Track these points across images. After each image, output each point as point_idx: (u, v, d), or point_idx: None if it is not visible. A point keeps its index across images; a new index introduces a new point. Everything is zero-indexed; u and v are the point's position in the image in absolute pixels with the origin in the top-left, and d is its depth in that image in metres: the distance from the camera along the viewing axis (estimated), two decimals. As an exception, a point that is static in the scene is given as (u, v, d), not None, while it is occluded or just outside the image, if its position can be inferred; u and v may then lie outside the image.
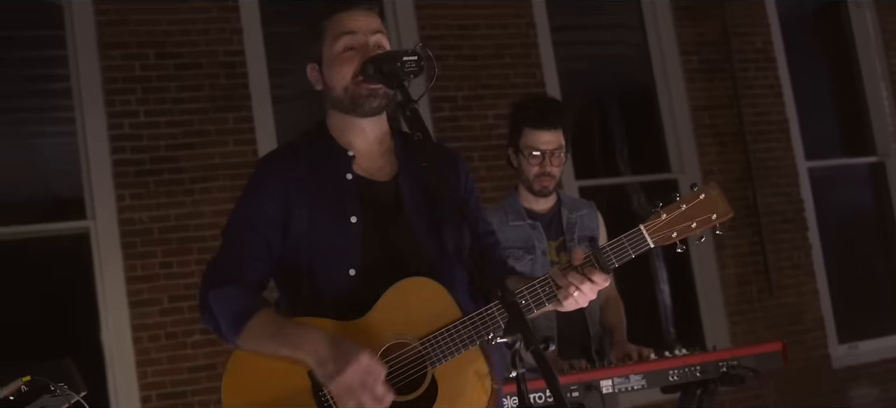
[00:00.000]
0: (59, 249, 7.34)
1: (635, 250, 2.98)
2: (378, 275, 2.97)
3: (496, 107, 8.18)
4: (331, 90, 3.09)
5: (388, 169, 3.16)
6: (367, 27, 3.07)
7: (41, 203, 7.46)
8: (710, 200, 2.99)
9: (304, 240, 3.03)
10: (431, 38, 8.10)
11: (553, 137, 4.76)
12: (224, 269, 3.03)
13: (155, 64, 7.33)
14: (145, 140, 7.20)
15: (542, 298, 2.96)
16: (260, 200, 3.07)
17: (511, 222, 4.78)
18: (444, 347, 2.92)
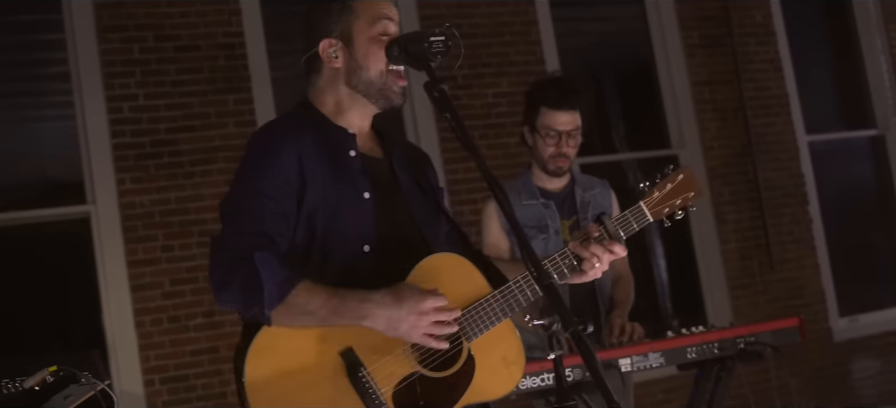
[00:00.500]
0: (60, 234, 7.27)
1: (639, 225, 3.16)
2: (389, 251, 2.97)
3: (496, 85, 8.11)
4: (362, 70, 3.03)
5: (377, 149, 3.17)
6: (397, 17, 3.09)
7: (40, 188, 7.39)
8: (687, 180, 3.22)
9: (320, 214, 2.95)
10: (430, 16, 8.02)
11: (570, 117, 4.75)
12: (248, 242, 2.84)
13: (154, 46, 7.24)
14: (145, 123, 7.13)
15: (565, 270, 3.04)
16: (277, 169, 2.92)
17: (524, 201, 4.75)
18: (478, 321, 2.94)
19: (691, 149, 8.83)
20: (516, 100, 8.08)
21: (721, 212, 8.82)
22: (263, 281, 2.76)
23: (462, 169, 7.79)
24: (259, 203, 2.89)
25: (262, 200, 2.89)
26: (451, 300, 2.91)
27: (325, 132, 3.05)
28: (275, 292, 2.78)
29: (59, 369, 2.65)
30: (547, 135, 4.72)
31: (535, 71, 8.24)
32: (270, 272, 2.77)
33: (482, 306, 2.95)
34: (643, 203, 3.16)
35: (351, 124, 3.09)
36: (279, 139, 2.97)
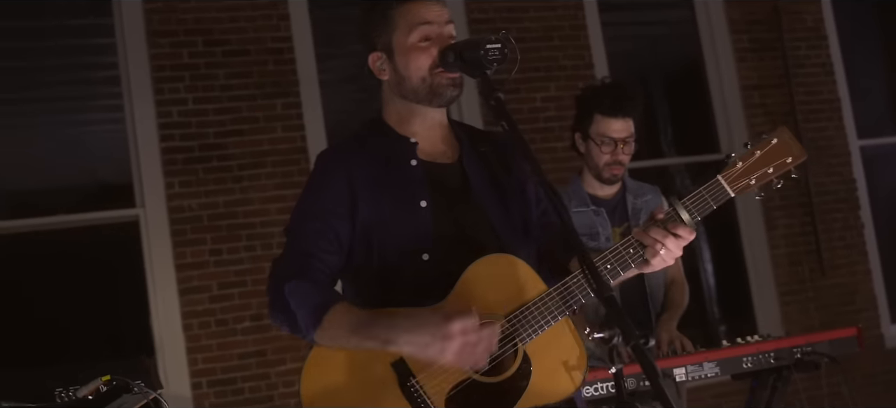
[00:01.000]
0: (109, 237, 7.28)
1: (716, 202, 2.87)
2: (452, 257, 2.89)
3: (545, 89, 8.03)
4: (405, 80, 2.99)
5: (450, 153, 3.09)
6: (440, 17, 3.00)
7: (90, 191, 7.40)
8: (782, 145, 2.92)
9: (375, 230, 2.94)
10: (480, 20, 7.96)
11: (625, 125, 4.67)
12: (295, 264, 2.90)
13: (203, 51, 7.23)
14: (194, 127, 7.12)
15: (628, 260, 2.89)
16: (325, 193, 2.97)
17: (574, 208, 4.68)
18: (531, 321, 2.85)
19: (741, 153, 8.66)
20: (565, 104, 8.02)
21: (771, 217, 8.68)
22: (295, 311, 2.81)
23: (510, 173, 7.71)
24: (306, 224, 2.95)
25: (309, 221, 2.95)
26: (502, 302, 2.85)
27: (388, 144, 3.04)
28: (309, 322, 2.80)
29: (112, 379, 2.59)
30: (602, 142, 4.64)
31: (584, 75, 8.15)
32: (301, 301, 2.81)
33: (536, 306, 2.85)
34: (722, 176, 2.88)
35: (414, 132, 3.06)
36: (331, 162, 3.01)
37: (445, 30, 2.99)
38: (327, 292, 2.86)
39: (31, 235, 7.12)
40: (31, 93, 7.29)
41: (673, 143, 9.15)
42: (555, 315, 2.86)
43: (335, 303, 2.81)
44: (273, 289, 2.89)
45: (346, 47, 7.91)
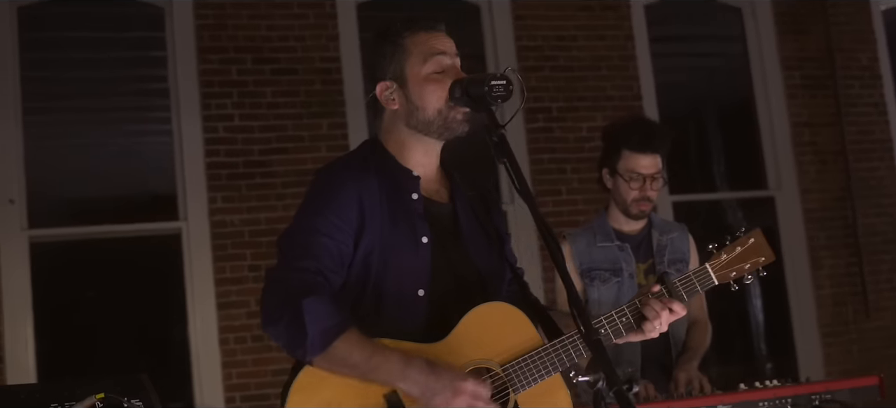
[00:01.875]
0: (153, 248, 7.33)
1: (702, 287, 3.12)
2: (445, 297, 2.91)
3: (591, 119, 7.96)
4: (419, 110, 2.95)
5: (443, 192, 3.09)
6: (452, 49, 2.99)
7: (137, 202, 7.45)
8: (758, 245, 3.19)
9: (376, 256, 2.89)
10: (528, 48, 7.93)
11: (653, 161, 4.57)
12: (302, 279, 2.78)
13: (252, 69, 7.27)
14: (239, 144, 7.15)
15: (622, 328, 2.99)
16: (337, 208, 2.88)
17: (599, 243, 4.60)
18: (527, 373, 2.86)
19: (788, 191, 8.55)
20: (610, 135, 7.96)
21: (816, 257, 8.53)
22: (307, 327, 2.69)
23: (551, 203, 7.65)
24: (316, 240, 2.83)
25: (319, 237, 2.84)
26: (499, 351, 2.86)
27: (390, 172, 2.99)
28: (318, 341, 2.70)
29: (106, 396, 2.58)
30: (631, 178, 4.55)
31: (632, 106, 8.08)
32: (316, 318, 2.70)
33: (532, 359, 2.86)
34: (709, 265, 3.14)
35: (416, 164, 3.02)
36: (342, 178, 2.92)
37: (456, 62, 2.99)
38: (340, 315, 2.76)
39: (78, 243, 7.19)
40: (87, 102, 7.36)
41: (725, 177, 9.02)
42: (548, 370, 2.86)
43: (347, 329, 2.73)
44: (274, 301, 2.79)
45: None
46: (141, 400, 2.76)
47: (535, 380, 2.85)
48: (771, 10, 8.79)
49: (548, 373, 2.86)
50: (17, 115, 6.89)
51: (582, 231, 4.67)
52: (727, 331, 8.89)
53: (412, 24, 3.00)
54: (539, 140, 7.80)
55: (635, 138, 4.55)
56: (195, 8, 7.22)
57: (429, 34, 2.98)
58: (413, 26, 2.99)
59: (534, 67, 7.92)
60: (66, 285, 7.15)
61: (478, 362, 2.83)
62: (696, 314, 4.70)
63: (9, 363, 6.58)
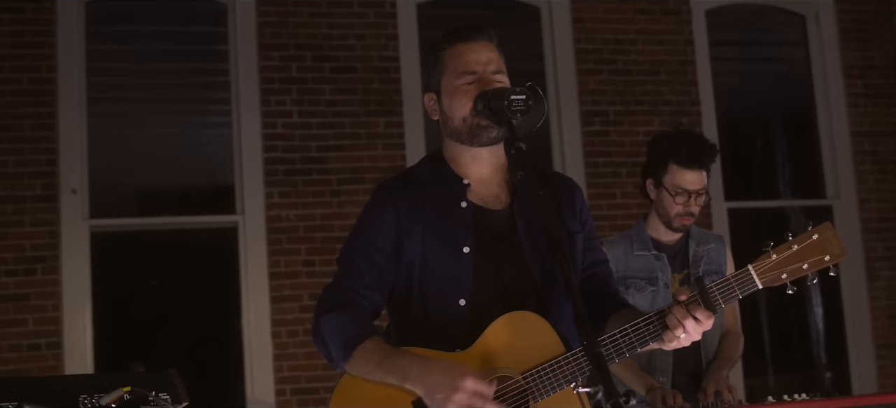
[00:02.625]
0: (210, 240, 7.40)
1: (742, 291, 2.87)
2: (488, 306, 2.93)
3: (648, 124, 7.88)
4: (449, 121, 3.05)
5: (503, 197, 3.10)
6: (486, 59, 3.03)
7: (195, 195, 7.51)
8: (823, 241, 2.89)
9: (417, 269, 3.01)
10: (587, 51, 7.87)
11: (700, 177, 4.53)
12: (336, 295, 3.00)
13: (311, 66, 7.30)
14: (297, 140, 7.18)
15: (647, 337, 2.88)
16: (374, 229, 3.04)
17: (636, 252, 4.58)
18: (546, 382, 2.87)
19: (846, 200, 8.41)
20: (667, 140, 7.88)
21: (873, 268, 8.38)
22: (328, 342, 2.90)
23: (605, 206, 7.60)
24: (355, 260, 3.02)
25: (358, 257, 3.02)
26: (522, 359, 2.87)
27: (442, 182, 3.09)
28: (339, 353, 2.88)
29: (133, 389, 2.63)
30: (676, 193, 4.49)
31: (690, 112, 8.01)
32: (333, 333, 2.89)
33: (552, 368, 2.86)
34: (753, 267, 2.86)
35: (466, 172, 3.09)
36: (382, 199, 3.07)
37: (490, 71, 3.02)
38: (362, 326, 2.91)
39: (137, 233, 7.28)
40: (150, 94, 7.43)
41: (783, 184, 8.89)
42: (568, 380, 2.86)
43: (368, 338, 2.87)
44: (315, 318, 2.99)
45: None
46: (169, 394, 2.80)
47: (554, 389, 2.85)
48: (835, 18, 8.64)
49: (567, 382, 2.85)
50: (81, 106, 6.99)
51: (620, 239, 4.66)
52: (787, 339, 8.78)
53: (451, 36, 3.07)
54: (595, 143, 7.75)
55: (684, 153, 4.50)
56: (257, 5, 7.27)
57: (466, 45, 3.04)
58: (452, 38, 3.06)
59: (592, 71, 7.87)
60: (125, 274, 7.24)
61: (498, 370, 2.86)
62: (730, 324, 4.68)
63: (67, 349, 6.68)
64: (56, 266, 6.74)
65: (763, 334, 8.65)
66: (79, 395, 2.73)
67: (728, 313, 4.63)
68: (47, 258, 6.73)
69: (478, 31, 3.08)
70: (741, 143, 8.73)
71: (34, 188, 6.78)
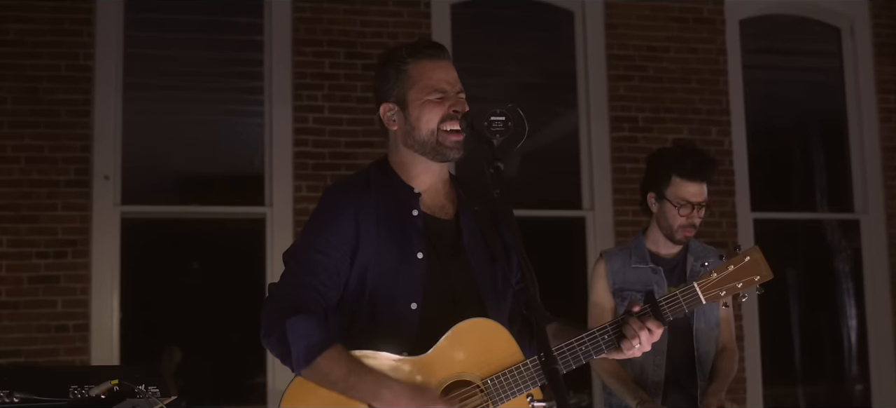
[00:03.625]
0: (239, 231, 7.44)
1: (688, 306, 3.10)
2: (437, 310, 2.99)
3: (677, 131, 7.83)
4: (415, 131, 3.07)
5: (449, 208, 3.18)
6: (453, 79, 3.09)
7: (225, 185, 7.55)
8: (753, 263, 3.16)
9: (371, 271, 3.01)
10: (618, 57, 7.83)
11: (701, 189, 4.54)
12: (296, 295, 2.95)
13: (344, 63, 7.31)
14: (327, 135, 7.19)
15: (603, 345, 3.02)
16: (332, 228, 3.02)
17: (633, 264, 4.60)
18: (506, 387, 2.93)
19: (874, 215, 8.31)
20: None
21: (899, 280, 8.27)
22: (291, 345, 2.85)
23: (631, 212, 7.54)
24: (313, 258, 2.99)
25: (315, 255, 2.99)
26: (481, 364, 2.93)
27: (393, 191, 3.11)
28: (302, 356, 2.84)
29: (120, 382, 2.65)
30: (680, 205, 4.50)
31: (719, 121, 7.95)
32: (299, 336, 2.84)
33: (512, 373, 2.93)
34: (697, 284, 3.11)
35: (418, 183, 3.13)
36: (341, 199, 3.06)
37: (456, 94, 3.07)
38: (324, 333, 2.88)
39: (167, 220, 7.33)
40: (185, 83, 7.47)
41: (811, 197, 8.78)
42: (526, 385, 2.93)
43: (329, 346, 2.84)
44: (271, 315, 2.92)
45: (485, 73, 7.88)
46: (157, 387, 2.83)
47: (514, 393, 2.92)
48: (870, 32, 8.53)
49: (526, 387, 2.93)
50: (117, 94, 7.04)
51: (618, 251, 4.69)
52: (818, 351, 8.70)
53: (416, 52, 3.11)
54: (623, 149, 7.70)
55: (688, 166, 4.52)
56: (293, 0, 7.28)
57: (433, 62, 3.09)
58: (417, 53, 3.10)
59: (622, 77, 7.81)
60: (153, 260, 7.29)
61: (459, 374, 2.92)
62: (726, 340, 4.69)
63: (94, 332, 6.74)
64: (86, 250, 6.81)
65: (793, 344, 8.59)
66: (70, 385, 2.75)
67: (724, 331, 4.63)
68: (78, 242, 6.80)
69: (442, 49, 3.15)
70: (770, 154, 8.64)
71: (68, 173, 6.85)
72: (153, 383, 2.86)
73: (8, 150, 6.80)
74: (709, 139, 7.87)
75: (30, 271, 6.71)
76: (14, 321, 6.66)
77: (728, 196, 7.84)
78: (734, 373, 4.61)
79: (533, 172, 8.25)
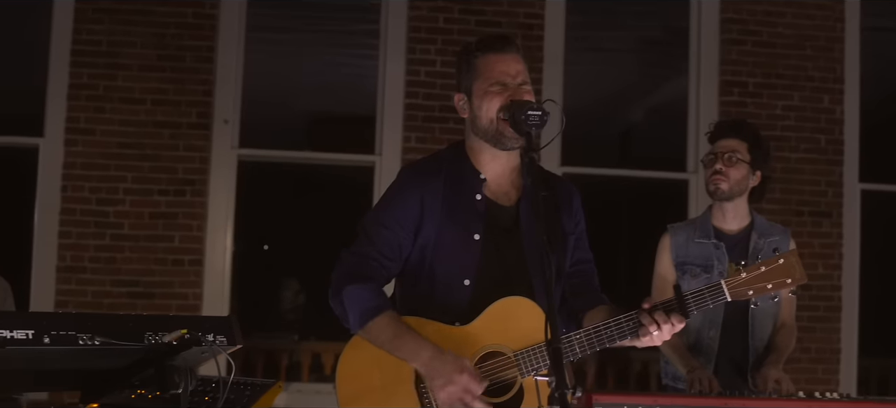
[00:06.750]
0: (348, 178, 7.50)
1: (714, 301, 3.17)
2: (488, 288, 3.18)
3: (787, 97, 7.59)
4: (478, 120, 3.23)
5: (512, 194, 3.32)
6: (515, 71, 3.23)
7: (337, 132, 7.62)
8: (788, 266, 3.19)
9: (431, 248, 3.22)
10: (732, 20, 7.60)
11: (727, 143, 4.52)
12: (359, 264, 3.20)
13: (458, 18, 7.27)
14: (438, 88, 7.17)
15: (626, 332, 3.13)
16: (399, 206, 3.24)
17: (696, 239, 4.54)
18: (533, 362, 3.12)
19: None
20: (805, 115, 7.59)
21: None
22: (348, 309, 3.13)
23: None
24: (378, 231, 3.22)
25: (381, 229, 3.22)
26: (514, 338, 3.13)
27: (462, 174, 3.28)
28: (357, 320, 3.12)
29: (189, 332, 2.76)
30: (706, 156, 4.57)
31: (832, 90, 7.67)
32: (355, 302, 3.12)
33: (540, 351, 3.11)
34: (725, 282, 3.16)
35: (486, 169, 3.28)
36: (411, 180, 3.28)
37: (517, 85, 3.21)
38: (378, 299, 3.15)
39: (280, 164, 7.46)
40: (304, 31, 7.53)
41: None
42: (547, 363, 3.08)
43: (381, 312, 3.12)
44: (336, 280, 3.19)
45: (596, 36, 7.80)
46: (224, 337, 2.93)
47: (540, 368, 3.09)
48: None
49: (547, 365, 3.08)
50: (239, 41, 7.15)
51: (684, 225, 4.67)
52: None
53: (484, 46, 3.27)
54: (731, 113, 7.48)
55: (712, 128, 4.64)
56: (412, -46, 7.28)
57: (498, 55, 3.23)
58: (484, 47, 3.26)
59: (735, 41, 7.60)
60: (266, 202, 7.42)
61: (494, 346, 3.13)
62: (785, 317, 4.59)
63: (207, 267, 6.91)
64: (204, 190, 6.95)
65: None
66: (145, 332, 2.85)
67: (784, 307, 4.53)
68: (197, 182, 6.95)
69: (509, 42, 3.28)
70: (884, 124, 8.34)
71: (190, 116, 6.99)
72: (221, 333, 2.94)
73: (136, 92, 6.98)
74: (820, 107, 7.63)
75: (151, 207, 6.90)
76: (134, 254, 6.86)
77: (835, 165, 7.59)
78: (792, 349, 4.52)
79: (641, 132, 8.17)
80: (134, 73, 6.97)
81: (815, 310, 7.38)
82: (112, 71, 6.96)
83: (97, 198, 6.89)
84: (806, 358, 7.26)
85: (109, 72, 6.96)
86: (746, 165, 4.46)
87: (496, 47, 3.25)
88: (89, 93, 6.94)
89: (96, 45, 6.96)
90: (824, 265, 7.49)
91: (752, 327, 4.45)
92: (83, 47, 6.96)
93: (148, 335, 2.87)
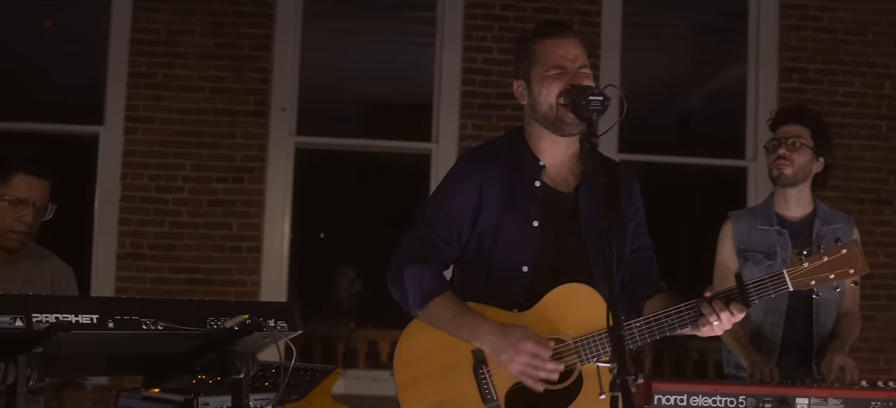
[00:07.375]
0: (406, 165, 7.49)
1: (775, 291, 3.14)
2: (547, 275, 3.15)
3: (848, 84, 7.45)
4: (538, 105, 3.19)
5: (571, 181, 3.29)
6: (574, 56, 3.17)
7: (394, 120, 7.61)
8: (850, 256, 3.16)
9: (490, 234, 3.19)
10: (792, 6, 7.47)
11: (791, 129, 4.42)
12: (419, 248, 3.18)
13: (515, 4, 7.21)
14: (495, 75, 7.12)
15: (686, 320, 3.11)
16: (459, 192, 3.22)
17: (759, 226, 4.45)
18: (591, 349, 3.09)
19: None
20: (866, 102, 7.45)
21: None
22: (408, 290, 3.12)
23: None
24: (437, 216, 3.21)
25: (440, 214, 3.21)
26: (574, 326, 3.10)
27: (521, 161, 3.24)
28: (417, 301, 3.11)
29: (250, 317, 2.76)
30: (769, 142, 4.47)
31: (894, 75, 7.54)
32: (415, 283, 3.11)
33: (600, 337, 3.08)
34: (787, 271, 3.15)
35: (545, 155, 3.25)
36: (470, 167, 3.26)
37: (576, 69, 3.15)
38: (438, 280, 3.15)
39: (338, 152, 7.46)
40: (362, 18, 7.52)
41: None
42: (608, 350, 3.04)
43: (442, 293, 3.11)
44: (395, 264, 3.18)
45: (653, 22, 7.72)
46: (285, 322, 2.92)
47: (600, 357, 3.07)
48: None
49: (607, 353, 3.05)
50: (296, 30, 7.15)
51: (746, 213, 4.59)
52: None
53: (541, 32, 3.23)
54: (790, 100, 7.37)
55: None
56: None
57: (555, 40, 3.19)
58: (542, 33, 3.22)
59: (795, 27, 7.47)
60: (323, 189, 7.43)
61: (554, 333, 3.09)
62: (849, 305, 4.50)
63: (265, 254, 6.93)
64: (262, 177, 6.97)
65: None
66: (207, 317, 2.85)
67: (848, 296, 4.44)
68: (254, 169, 6.96)
69: (566, 28, 3.23)
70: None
71: (248, 104, 7.00)
72: (281, 319, 2.94)
73: (194, 79, 7.00)
74: (881, 93, 7.49)
75: (209, 195, 6.93)
76: (193, 240, 6.89)
77: (898, 153, 7.49)
78: (855, 336, 4.45)
79: (699, 118, 8.08)
80: (192, 61, 7.00)
81: (875, 299, 7.26)
82: (170, 59, 6.98)
83: (156, 185, 6.92)
84: (866, 348, 7.13)
85: (168, 60, 6.98)
86: (810, 150, 4.38)
87: (554, 32, 3.21)
88: (148, 81, 6.97)
89: (155, 33, 6.98)
90: (885, 254, 7.36)
91: (817, 315, 4.38)
92: (142, 36, 6.99)
93: (210, 321, 2.86)
